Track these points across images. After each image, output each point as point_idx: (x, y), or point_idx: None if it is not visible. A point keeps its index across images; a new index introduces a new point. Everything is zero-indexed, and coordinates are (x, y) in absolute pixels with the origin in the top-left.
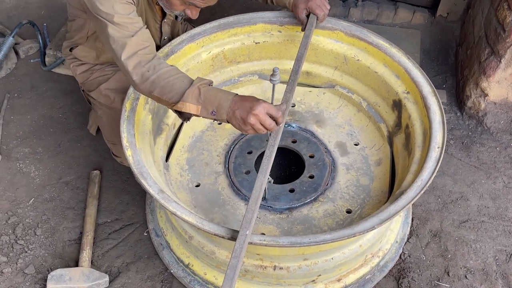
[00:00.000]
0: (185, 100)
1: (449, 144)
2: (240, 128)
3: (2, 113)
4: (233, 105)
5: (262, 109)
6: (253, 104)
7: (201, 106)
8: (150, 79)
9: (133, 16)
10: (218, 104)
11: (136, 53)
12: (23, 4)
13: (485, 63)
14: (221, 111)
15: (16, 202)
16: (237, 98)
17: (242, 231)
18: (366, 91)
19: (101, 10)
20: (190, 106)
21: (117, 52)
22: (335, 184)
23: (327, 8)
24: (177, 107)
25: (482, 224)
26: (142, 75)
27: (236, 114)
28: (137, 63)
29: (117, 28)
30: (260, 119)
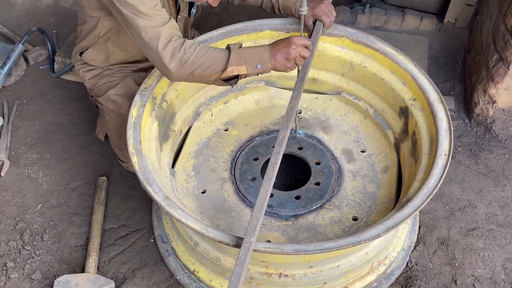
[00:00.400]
0: (231, 65)
1: (457, 151)
2: (284, 67)
3: (11, 119)
4: (271, 51)
5: (298, 42)
6: (288, 42)
7: (246, 65)
8: (190, 60)
9: (159, 8)
10: (259, 57)
11: (170, 41)
12: (32, 12)
13: (493, 70)
14: (265, 61)
15: (24, 208)
16: (271, 45)
17: (246, 238)
18: (373, 97)
19: (127, 3)
20: (238, 68)
21: (151, 43)
22: (342, 191)
23: (334, 15)
24: (226, 73)
25: (490, 232)
26: (180, 59)
27: (278, 57)
28: (172, 50)
29: (146, 19)
30: (300, 51)
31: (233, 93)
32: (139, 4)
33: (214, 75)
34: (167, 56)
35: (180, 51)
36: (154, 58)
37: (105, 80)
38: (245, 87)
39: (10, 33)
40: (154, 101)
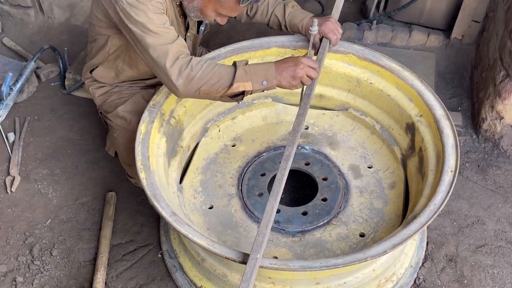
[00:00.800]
0: (237, 81)
1: (464, 167)
2: (290, 85)
3: (23, 135)
4: (277, 69)
5: (306, 62)
6: (295, 61)
7: (251, 81)
8: (196, 77)
9: (168, 26)
10: (265, 74)
11: (177, 59)
12: (45, 30)
13: (500, 86)
14: (270, 78)
15: (33, 223)
16: (278, 63)
17: (252, 254)
18: (379, 114)
19: (137, 21)
20: (244, 84)
21: (159, 61)
22: (349, 207)
23: (340, 32)
24: (232, 89)
25: (499, 249)
26: (187, 76)
27: (284, 74)
28: (179, 68)
29: (155, 37)
30: (307, 70)
31: (240, 109)
32: (148, 22)
33: (221, 92)
34: (175, 73)
35: (187, 68)
36: (161, 75)
37: (114, 97)
38: (253, 103)
39: (23, 51)
40: (163, 117)
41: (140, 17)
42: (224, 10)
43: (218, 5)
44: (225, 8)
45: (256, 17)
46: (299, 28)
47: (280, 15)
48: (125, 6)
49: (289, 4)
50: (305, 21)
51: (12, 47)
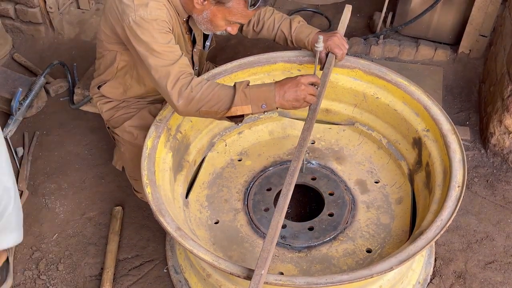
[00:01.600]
0: (236, 105)
1: (473, 182)
2: (293, 106)
3: (31, 150)
4: (278, 92)
5: (305, 81)
6: (296, 81)
7: (250, 105)
8: (196, 98)
9: (172, 45)
10: (265, 97)
11: (178, 79)
12: (55, 45)
13: (508, 100)
14: (270, 101)
15: (40, 238)
16: (278, 85)
17: (257, 270)
18: (386, 128)
19: (142, 40)
20: (242, 108)
21: (161, 82)
22: (355, 223)
23: (346, 47)
24: (230, 112)
25: (509, 265)
26: (187, 97)
27: (286, 97)
28: (180, 88)
29: (158, 58)
30: (308, 90)
31: (247, 124)
32: (153, 42)
33: (220, 113)
34: (175, 95)
35: (187, 89)
36: (164, 95)
37: (122, 112)
38: (259, 117)
39: (33, 66)
40: (169, 132)
41: (145, 36)
42: (234, 17)
43: (227, 12)
44: (234, 15)
45: (263, 32)
46: (305, 44)
47: (286, 30)
48: (132, 24)
49: (295, 19)
50: (311, 37)
51: (22, 63)
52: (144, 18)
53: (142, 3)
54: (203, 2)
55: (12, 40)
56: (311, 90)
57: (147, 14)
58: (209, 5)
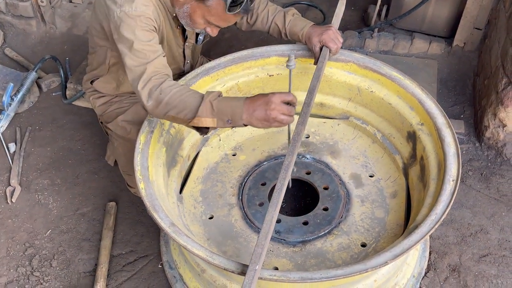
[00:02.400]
0: (200, 116)
1: (467, 175)
2: (264, 126)
3: (24, 146)
4: (246, 109)
5: (277, 100)
6: (267, 99)
7: (216, 118)
8: (164, 101)
9: (153, 43)
10: (231, 113)
11: (150, 80)
12: (47, 40)
13: (503, 93)
14: (236, 118)
15: (33, 234)
16: (248, 101)
17: (251, 266)
18: (381, 122)
19: (123, 36)
20: (206, 120)
21: (134, 81)
22: (350, 217)
23: (340, 41)
24: (194, 123)
25: (503, 258)
26: (156, 99)
27: (255, 115)
28: (150, 89)
29: (134, 57)
30: (280, 109)
31: None
32: (133, 39)
33: (185, 121)
34: (145, 95)
35: (156, 91)
36: (136, 95)
37: (115, 107)
38: None
39: (25, 61)
40: (162, 127)
41: (127, 32)
42: (212, 18)
43: (206, 11)
44: (213, 15)
45: (257, 24)
46: (299, 37)
47: (280, 23)
48: (116, 19)
49: (289, 12)
50: (305, 30)
51: (14, 58)
52: (128, 14)
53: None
54: None
55: (3, 34)
56: (284, 110)
57: (132, 10)
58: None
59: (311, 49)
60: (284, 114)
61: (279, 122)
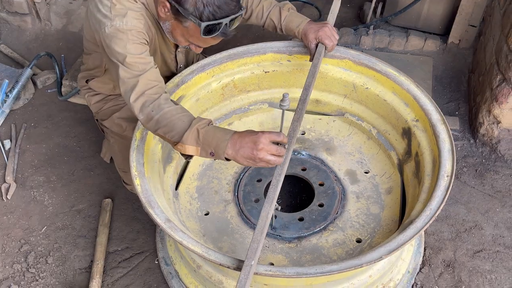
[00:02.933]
0: (184, 142)
1: (462, 172)
2: (250, 164)
3: (19, 142)
4: (233, 145)
5: (265, 140)
6: (255, 139)
7: (200, 148)
8: (154, 119)
9: (145, 56)
10: (216, 145)
11: (143, 94)
12: (42, 37)
13: (497, 90)
14: (219, 151)
15: (29, 230)
16: (235, 137)
17: (247, 261)
18: (376, 118)
19: (115, 50)
20: (190, 148)
21: (126, 94)
22: (345, 213)
23: (336, 38)
24: (178, 148)
25: (497, 254)
26: (147, 114)
27: (241, 153)
28: (143, 103)
29: (127, 69)
30: (268, 150)
31: (236, 115)
32: (125, 53)
33: (172, 143)
34: (137, 108)
35: (149, 107)
36: (129, 107)
37: (110, 104)
38: (249, 108)
39: (20, 58)
40: None
41: (118, 46)
42: (191, 38)
43: (185, 31)
44: (191, 36)
45: (251, 19)
46: (295, 33)
47: (276, 19)
48: (106, 35)
49: (285, 7)
50: (302, 27)
51: (9, 54)
52: (119, 29)
53: (120, 14)
54: (166, 12)
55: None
56: (272, 150)
57: (123, 24)
58: (170, 17)
59: (307, 46)
60: (273, 155)
61: (266, 163)
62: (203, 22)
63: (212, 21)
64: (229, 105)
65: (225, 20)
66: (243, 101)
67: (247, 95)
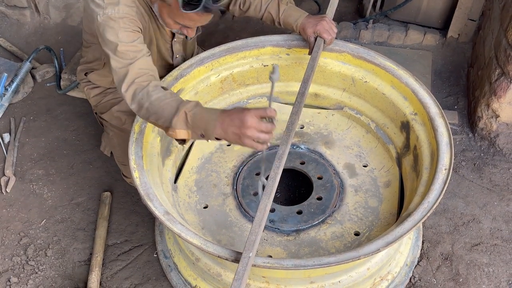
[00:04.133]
0: (174, 127)
1: (460, 166)
2: (239, 143)
3: (18, 136)
4: (220, 124)
5: (253, 118)
6: (241, 116)
7: (190, 131)
8: (145, 106)
9: (137, 44)
10: (204, 126)
11: (134, 82)
12: (41, 30)
13: (496, 84)
14: (208, 132)
15: (28, 223)
16: (223, 116)
17: (245, 253)
18: (375, 112)
19: (107, 39)
20: (180, 132)
21: (118, 84)
22: (344, 206)
23: (335, 31)
24: (169, 134)
25: (495, 247)
26: (138, 102)
27: (229, 132)
28: (133, 92)
29: (118, 59)
30: (256, 127)
31: None
32: (117, 41)
33: (164, 129)
34: (129, 97)
35: (139, 94)
36: (121, 96)
37: (109, 97)
38: (248, 102)
39: (19, 51)
40: None
41: (110, 34)
42: (176, 17)
43: (169, 10)
44: (175, 14)
45: (250, 11)
46: (293, 27)
47: (274, 12)
48: (99, 23)
49: (283, 0)
50: (300, 21)
51: (7, 48)
52: (111, 17)
53: (112, 2)
54: None
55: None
56: (261, 127)
57: (115, 12)
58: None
59: (306, 40)
60: (262, 132)
61: (255, 141)
62: None
63: None
64: (228, 98)
65: None
66: (242, 94)
67: (246, 88)
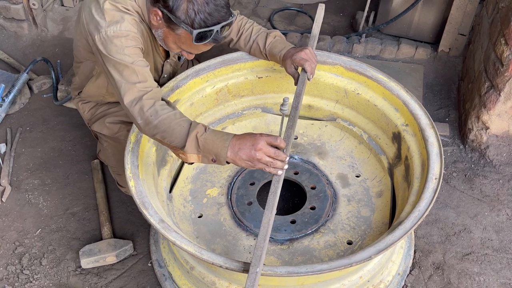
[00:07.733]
0: (186, 152)
1: (452, 177)
2: (248, 166)
3: (14, 146)
4: (232, 148)
5: (264, 142)
6: (253, 140)
7: (201, 155)
8: (153, 124)
9: (141, 61)
10: (216, 152)
11: (141, 99)
12: (38, 42)
13: (485, 97)
14: (220, 158)
15: (23, 233)
16: (234, 140)
17: (252, 268)
18: (367, 123)
19: (108, 57)
20: (192, 156)
21: (122, 97)
22: (336, 216)
23: (315, 61)
24: (180, 156)
25: (485, 256)
26: (146, 119)
27: (240, 155)
28: (141, 107)
29: (123, 74)
30: (265, 151)
31: (230, 120)
32: (120, 59)
33: (172, 148)
34: (135, 113)
35: (147, 112)
36: (125, 110)
37: (103, 109)
38: (242, 113)
39: (16, 63)
40: None
41: (113, 52)
42: (183, 45)
43: (177, 38)
44: (183, 43)
45: (239, 42)
46: (277, 58)
47: (261, 43)
48: (101, 41)
49: (272, 34)
50: (283, 52)
51: (5, 59)
52: (113, 35)
53: (114, 20)
54: (158, 20)
55: None
56: (270, 152)
57: (117, 30)
58: (162, 24)
59: (286, 71)
60: (270, 157)
61: (263, 164)
62: (195, 30)
63: (203, 28)
64: (223, 109)
65: (216, 27)
66: (237, 106)
67: (241, 100)
